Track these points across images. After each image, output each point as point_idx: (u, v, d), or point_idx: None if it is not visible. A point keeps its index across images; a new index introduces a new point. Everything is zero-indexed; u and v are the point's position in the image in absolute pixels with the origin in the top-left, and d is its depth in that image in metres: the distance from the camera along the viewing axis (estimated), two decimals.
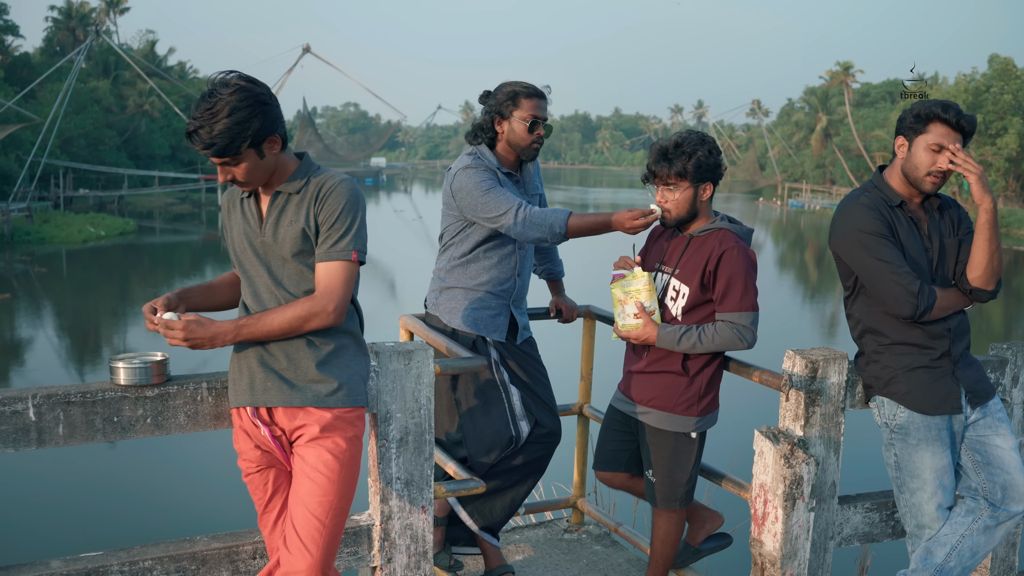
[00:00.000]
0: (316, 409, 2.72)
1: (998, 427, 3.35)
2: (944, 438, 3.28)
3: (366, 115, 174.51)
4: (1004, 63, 54.11)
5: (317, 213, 2.69)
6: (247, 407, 2.74)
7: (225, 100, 2.53)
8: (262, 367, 2.72)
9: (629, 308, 3.49)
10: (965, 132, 3.18)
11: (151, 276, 29.87)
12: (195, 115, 2.54)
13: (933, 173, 3.20)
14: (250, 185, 2.69)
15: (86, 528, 9.19)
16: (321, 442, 2.71)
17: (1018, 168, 53.59)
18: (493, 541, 3.93)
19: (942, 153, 3.17)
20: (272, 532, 2.88)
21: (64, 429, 2.71)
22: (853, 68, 72.02)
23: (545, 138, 3.82)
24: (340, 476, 2.71)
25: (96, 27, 61.32)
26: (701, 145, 3.39)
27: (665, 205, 3.45)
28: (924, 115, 3.19)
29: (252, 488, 2.86)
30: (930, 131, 3.18)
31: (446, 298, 3.85)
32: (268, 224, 2.72)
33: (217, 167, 2.64)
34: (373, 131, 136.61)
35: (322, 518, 2.68)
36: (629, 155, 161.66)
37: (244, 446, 2.80)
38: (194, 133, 2.55)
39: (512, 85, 3.80)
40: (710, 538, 3.81)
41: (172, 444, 10.92)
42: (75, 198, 49.40)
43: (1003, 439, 3.34)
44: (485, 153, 3.80)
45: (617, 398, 3.71)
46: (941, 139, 3.16)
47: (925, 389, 3.28)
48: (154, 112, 59.89)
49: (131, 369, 2.77)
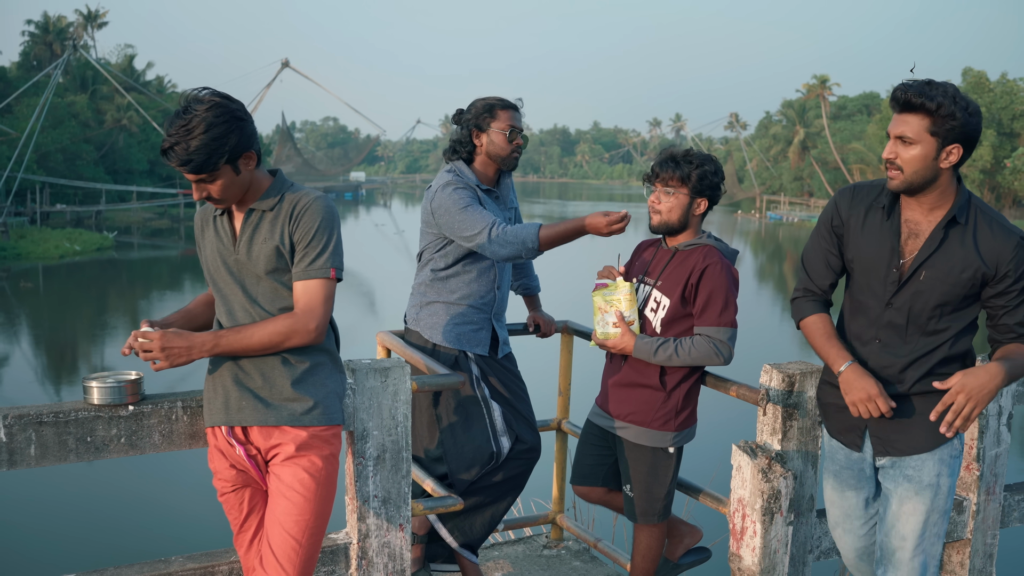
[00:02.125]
0: (291, 428, 2.70)
1: (903, 484, 2.94)
2: (849, 476, 3.08)
3: (345, 129, 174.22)
4: (977, 76, 54.76)
5: (292, 231, 2.68)
6: (222, 426, 2.72)
7: (200, 116, 2.52)
8: (237, 386, 2.70)
9: (609, 317, 3.50)
10: (901, 102, 2.76)
11: (129, 292, 29.68)
12: (170, 132, 2.52)
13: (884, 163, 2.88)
14: (225, 203, 2.68)
15: (58, 550, 9.09)
16: (297, 461, 2.70)
17: (992, 180, 54.14)
18: (472, 558, 3.91)
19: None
20: (248, 552, 2.86)
21: (36, 450, 2.68)
22: (830, 81, 72.58)
23: (523, 148, 3.84)
24: (316, 495, 2.70)
25: (73, 41, 61.07)
26: (709, 162, 3.46)
27: (658, 206, 3.46)
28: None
29: (228, 507, 2.84)
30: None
31: (427, 313, 3.84)
32: (242, 242, 2.71)
33: (192, 184, 2.63)
34: (352, 145, 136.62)
35: (298, 537, 2.67)
36: (608, 168, 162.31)
37: (219, 465, 2.78)
38: (170, 150, 2.54)
39: (487, 99, 3.83)
40: (689, 552, 3.80)
41: (146, 463, 10.83)
42: (52, 213, 49.04)
43: (902, 502, 2.94)
44: (463, 170, 3.80)
45: (595, 413, 3.70)
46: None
47: (836, 411, 3.08)
48: (132, 127, 59.52)
49: (105, 388, 2.75)
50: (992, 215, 2.85)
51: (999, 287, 2.80)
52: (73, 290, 30.32)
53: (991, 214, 2.84)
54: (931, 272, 2.83)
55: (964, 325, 2.88)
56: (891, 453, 2.95)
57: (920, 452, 2.91)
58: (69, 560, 8.60)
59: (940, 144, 2.72)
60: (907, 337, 2.90)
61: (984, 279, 2.81)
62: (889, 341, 2.92)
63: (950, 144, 2.72)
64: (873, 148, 62.79)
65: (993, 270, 2.78)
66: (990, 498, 3.89)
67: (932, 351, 2.88)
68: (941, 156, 2.73)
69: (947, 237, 2.83)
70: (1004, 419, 3.84)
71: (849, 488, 3.09)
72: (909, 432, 2.91)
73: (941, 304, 2.84)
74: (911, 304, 2.87)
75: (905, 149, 2.76)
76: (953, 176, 2.81)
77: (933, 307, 2.85)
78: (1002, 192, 54.77)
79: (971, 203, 2.84)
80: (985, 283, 2.82)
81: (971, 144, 2.75)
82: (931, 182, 2.78)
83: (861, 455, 3.04)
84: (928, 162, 2.74)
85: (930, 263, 2.83)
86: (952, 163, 2.74)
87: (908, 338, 2.90)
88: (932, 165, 2.75)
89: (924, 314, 2.86)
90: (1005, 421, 3.85)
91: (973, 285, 2.81)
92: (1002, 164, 52.60)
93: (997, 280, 2.79)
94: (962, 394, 2.76)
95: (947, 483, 2.92)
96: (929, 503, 2.92)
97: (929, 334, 2.88)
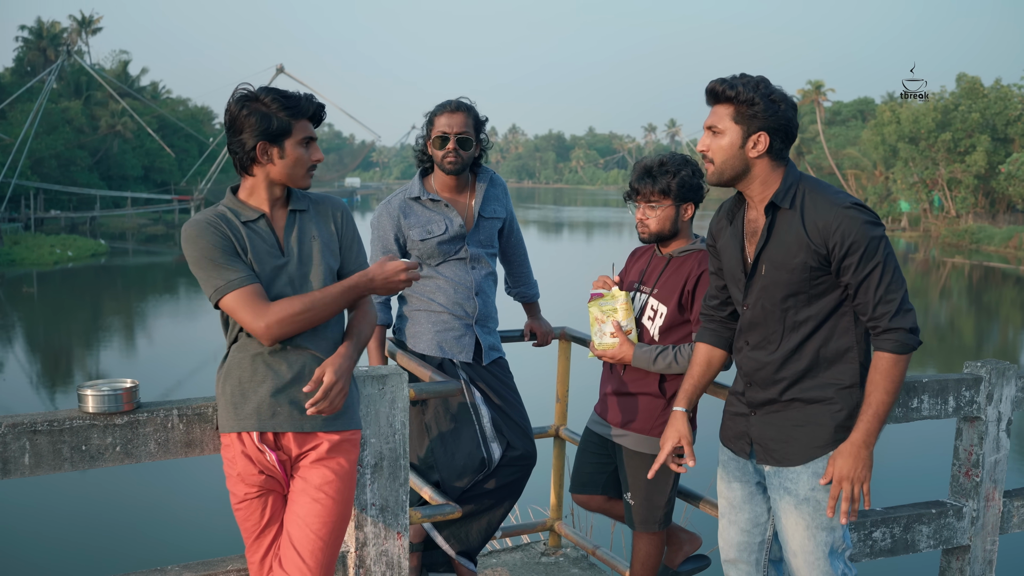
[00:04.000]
0: (324, 433, 2.76)
1: (784, 497, 2.87)
2: (735, 468, 3.03)
3: (340, 135, 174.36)
4: (972, 82, 54.79)
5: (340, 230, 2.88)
6: (254, 432, 2.72)
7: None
8: (271, 392, 2.71)
9: (606, 327, 3.49)
10: (710, 94, 2.79)
11: (123, 297, 29.61)
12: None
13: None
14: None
15: (54, 559, 9.04)
16: (326, 463, 2.76)
17: (986, 185, 54.22)
18: (470, 566, 3.89)
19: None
20: (264, 559, 2.83)
21: (30, 459, 2.65)
22: (824, 87, 72.69)
23: (463, 151, 3.77)
24: (342, 495, 2.78)
25: (68, 47, 60.99)
26: (685, 166, 3.43)
27: (647, 222, 3.45)
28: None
29: (247, 514, 2.80)
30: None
31: (410, 322, 3.85)
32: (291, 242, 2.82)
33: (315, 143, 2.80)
34: (347, 151, 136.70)
35: (324, 536, 2.73)
36: (603, 174, 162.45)
37: (247, 470, 2.74)
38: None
39: (435, 107, 3.85)
40: (688, 560, 3.79)
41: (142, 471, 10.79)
42: (46, 219, 48.99)
43: (786, 515, 2.88)
44: (413, 183, 3.90)
45: (593, 420, 3.69)
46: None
47: (728, 418, 3.05)
48: (127, 133, 59.48)
49: (100, 396, 2.72)
50: (820, 191, 2.75)
51: (840, 264, 2.68)
52: (68, 297, 30.25)
53: (819, 190, 2.75)
54: (769, 264, 2.78)
55: (827, 314, 2.77)
56: (769, 462, 2.89)
57: (794, 464, 2.83)
58: (65, 569, 8.56)
59: (745, 132, 2.72)
60: (770, 336, 2.83)
61: (821, 259, 2.70)
62: (754, 342, 2.88)
63: (755, 132, 2.71)
64: (867, 153, 62.90)
65: (823, 247, 2.68)
66: (989, 504, 3.88)
67: (800, 346, 2.79)
68: (748, 145, 2.72)
69: (775, 225, 2.77)
70: (1003, 425, 3.83)
71: (735, 480, 3.03)
72: (787, 443, 2.84)
73: (791, 295, 2.76)
74: (762, 300, 2.81)
75: (714, 140, 2.77)
76: (775, 166, 2.77)
77: (782, 298, 2.77)
78: (997, 198, 54.84)
79: (799, 186, 2.77)
80: (829, 264, 2.71)
81: (781, 133, 2.72)
82: (744, 173, 2.77)
83: (749, 461, 2.99)
84: (735, 151, 2.74)
85: (766, 255, 2.78)
86: (760, 152, 2.72)
87: (771, 336, 2.83)
88: (740, 154, 2.74)
89: (777, 307, 2.79)
90: (1004, 427, 3.83)
91: (814, 268, 2.71)
92: (997, 170, 52.68)
93: (834, 257, 2.68)
94: (845, 482, 2.71)
95: (827, 498, 2.79)
96: (809, 519, 2.82)
97: (792, 329, 2.80)
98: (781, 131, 2.72)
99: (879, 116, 58.94)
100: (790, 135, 2.75)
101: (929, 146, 54.09)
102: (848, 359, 2.79)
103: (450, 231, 3.79)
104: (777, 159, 2.77)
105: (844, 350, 2.79)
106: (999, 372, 3.80)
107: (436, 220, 3.80)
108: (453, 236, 3.79)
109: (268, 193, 2.77)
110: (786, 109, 2.72)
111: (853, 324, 2.78)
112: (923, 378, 3.71)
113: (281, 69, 62.92)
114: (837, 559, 2.85)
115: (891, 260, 2.68)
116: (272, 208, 2.78)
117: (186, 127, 65.33)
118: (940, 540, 3.83)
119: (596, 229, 60.64)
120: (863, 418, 2.71)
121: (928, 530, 3.79)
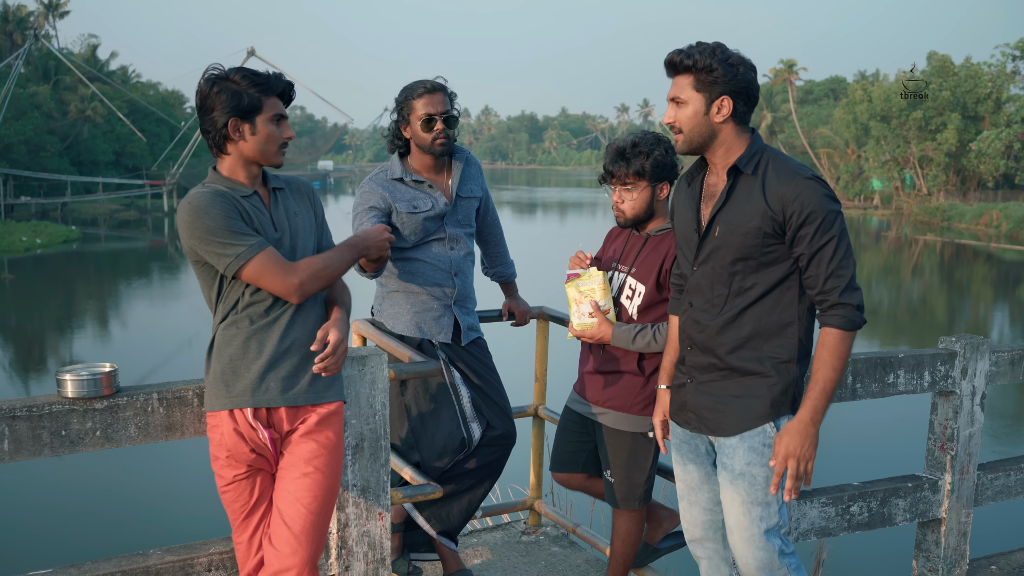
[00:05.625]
0: (313, 406, 2.80)
1: (722, 472, 2.88)
2: (688, 451, 3.03)
3: (312, 118, 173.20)
4: (942, 60, 55.13)
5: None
6: (247, 408, 2.71)
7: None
8: (263, 369, 2.72)
9: (584, 307, 3.49)
10: (668, 65, 2.82)
11: (96, 284, 29.36)
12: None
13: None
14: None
15: (34, 544, 9.00)
16: (315, 436, 2.78)
17: (957, 163, 54.66)
18: (451, 545, 3.91)
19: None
20: (252, 538, 2.82)
21: (9, 444, 2.63)
22: (796, 66, 72.85)
23: (450, 130, 3.77)
24: (330, 468, 2.80)
25: (35, 31, 60.21)
26: (658, 144, 3.41)
27: (622, 206, 3.45)
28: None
29: (234, 495, 2.79)
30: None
31: (389, 303, 3.83)
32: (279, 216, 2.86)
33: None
34: (320, 134, 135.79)
35: (315, 510, 2.75)
36: (576, 154, 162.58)
37: (237, 448, 2.73)
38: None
39: (406, 89, 3.80)
40: (668, 537, 3.82)
41: (122, 454, 10.73)
42: (16, 206, 48.45)
43: (724, 489, 2.89)
44: (392, 164, 3.85)
45: (573, 399, 3.70)
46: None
47: (674, 392, 3.04)
48: (97, 117, 58.80)
49: (79, 381, 2.71)
50: (782, 160, 2.79)
51: (796, 233, 2.70)
52: (40, 284, 29.97)
53: (781, 160, 2.79)
54: (724, 226, 2.79)
55: (773, 284, 2.78)
56: (703, 431, 2.90)
57: (727, 435, 2.83)
58: (46, 554, 8.51)
59: (708, 99, 2.75)
60: (714, 298, 2.84)
61: (776, 225, 2.72)
62: (698, 304, 2.89)
63: (717, 98, 2.74)
64: (839, 132, 63.21)
65: (780, 214, 2.70)
66: (964, 477, 3.93)
67: (742, 313, 2.80)
68: (712, 111, 2.75)
69: (735, 189, 2.79)
70: (978, 399, 3.88)
71: (689, 461, 3.03)
72: (721, 412, 2.84)
73: (740, 258, 2.77)
74: (712, 262, 2.83)
75: (679, 110, 2.79)
76: (740, 131, 2.81)
77: (731, 261, 2.79)
78: (968, 175, 55.29)
79: (764, 153, 2.80)
80: (783, 233, 2.73)
81: (743, 96, 2.76)
82: (711, 138, 2.80)
83: (695, 433, 2.97)
84: (700, 118, 2.77)
85: (722, 216, 2.80)
86: (725, 116, 2.76)
87: (715, 299, 2.84)
88: (706, 121, 2.77)
89: (725, 270, 2.81)
90: (979, 401, 3.88)
91: (768, 235, 2.73)
92: (967, 147, 53.11)
93: (790, 225, 2.70)
94: (791, 459, 2.71)
95: (763, 473, 2.79)
96: (744, 494, 2.81)
97: (737, 294, 2.81)
98: (743, 93, 2.75)
99: (851, 95, 59.23)
100: (752, 96, 2.78)
101: (900, 124, 54.47)
102: (787, 334, 2.80)
103: (436, 208, 3.78)
104: (741, 123, 2.81)
105: (785, 324, 2.80)
106: (973, 347, 3.84)
107: (421, 198, 3.78)
108: (438, 213, 3.79)
109: (247, 171, 2.78)
110: (745, 71, 2.75)
111: (796, 300, 2.79)
112: (899, 353, 3.74)
113: (252, 52, 62.33)
114: (773, 535, 2.85)
115: (844, 237, 2.72)
116: (254, 186, 2.80)
117: (157, 111, 64.71)
118: (916, 513, 3.89)
119: (570, 209, 60.55)
120: (810, 395, 2.72)
121: (904, 503, 3.84)
